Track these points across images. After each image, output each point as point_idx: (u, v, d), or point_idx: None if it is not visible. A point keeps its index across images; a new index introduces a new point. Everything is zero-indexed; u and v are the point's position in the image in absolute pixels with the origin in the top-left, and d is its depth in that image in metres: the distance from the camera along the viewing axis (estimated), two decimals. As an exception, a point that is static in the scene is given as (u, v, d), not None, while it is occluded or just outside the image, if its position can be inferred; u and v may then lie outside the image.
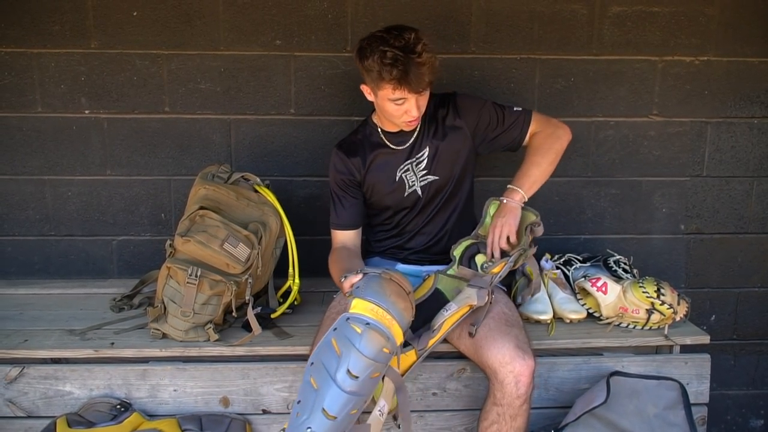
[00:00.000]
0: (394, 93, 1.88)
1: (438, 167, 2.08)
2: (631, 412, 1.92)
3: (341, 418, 1.60)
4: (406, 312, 1.71)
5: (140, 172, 2.43)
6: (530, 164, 2.03)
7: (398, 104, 1.92)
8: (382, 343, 1.64)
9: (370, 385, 1.66)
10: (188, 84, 2.37)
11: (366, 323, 1.65)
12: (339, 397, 1.60)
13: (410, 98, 1.90)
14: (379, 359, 1.64)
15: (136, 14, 2.31)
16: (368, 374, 1.62)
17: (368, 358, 1.62)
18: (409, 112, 1.93)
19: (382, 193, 2.11)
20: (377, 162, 2.09)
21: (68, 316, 2.16)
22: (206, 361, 1.98)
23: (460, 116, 2.08)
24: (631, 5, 2.39)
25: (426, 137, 2.08)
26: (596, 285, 2.12)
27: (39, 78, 2.34)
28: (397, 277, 1.77)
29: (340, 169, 2.11)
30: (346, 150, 2.11)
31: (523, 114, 2.09)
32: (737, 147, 2.53)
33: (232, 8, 2.32)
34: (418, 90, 1.89)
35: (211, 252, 1.97)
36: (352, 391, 1.61)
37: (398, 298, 1.71)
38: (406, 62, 1.83)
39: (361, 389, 1.63)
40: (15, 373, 1.92)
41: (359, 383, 1.61)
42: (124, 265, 2.49)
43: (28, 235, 2.45)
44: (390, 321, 1.66)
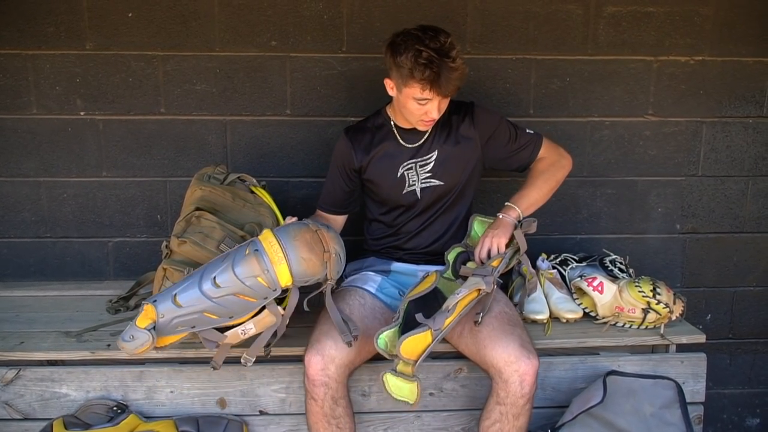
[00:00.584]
0: (422, 93, 1.89)
1: (444, 173, 2.09)
2: (627, 412, 1.93)
3: (186, 309, 1.72)
4: (305, 262, 1.74)
5: (136, 173, 2.43)
6: (532, 187, 2.07)
7: (421, 104, 1.93)
8: (256, 271, 1.71)
9: (234, 304, 1.73)
10: (184, 85, 2.37)
11: (255, 249, 1.74)
12: (192, 292, 1.72)
13: (435, 100, 1.91)
14: (248, 283, 1.71)
15: (132, 15, 2.31)
16: (231, 290, 1.71)
17: (235, 276, 1.71)
18: (429, 113, 1.94)
19: (381, 185, 2.12)
20: (382, 153, 2.10)
21: (64, 318, 2.16)
22: (203, 362, 1.96)
23: (474, 127, 2.09)
24: (625, 5, 2.40)
25: (437, 141, 2.08)
26: (592, 284, 2.13)
27: (34, 79, 2.34)
28: (324, 235, 1.79)
29: (342, 154, 2.13)
30: (352, 136, 2.13)
31: (535, 138, 2.12)
32: (732, 146, 2.54)
33: (228, 9, 2.32)
34: (446, 94, 1.91)
35: (208, 253, 1.96)
36: (207, 293, 1.71)
37: (304, 246, 1.75)
38: (440, 65, 1.83)
39: (220, 300, 1.71)
40: (11, 375, 1.92)
41: (218, 292, 1.71)
42: (120, 267, 2.49)
43: (23, 237, 2.45)
44: (280, 259, 1.72)
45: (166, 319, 1.72)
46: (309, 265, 1.75)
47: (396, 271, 2.15)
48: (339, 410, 1.84)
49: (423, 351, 1.76)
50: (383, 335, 1.78)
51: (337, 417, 1.84)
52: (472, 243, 2.07)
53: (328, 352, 1.80)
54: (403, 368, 1.77)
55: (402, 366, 1.77)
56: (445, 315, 1.78)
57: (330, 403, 1.82)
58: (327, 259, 1.77)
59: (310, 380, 1.81)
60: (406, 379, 1.76)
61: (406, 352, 1.74)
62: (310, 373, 1.80)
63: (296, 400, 1.97)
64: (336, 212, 2.19)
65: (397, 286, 2.10)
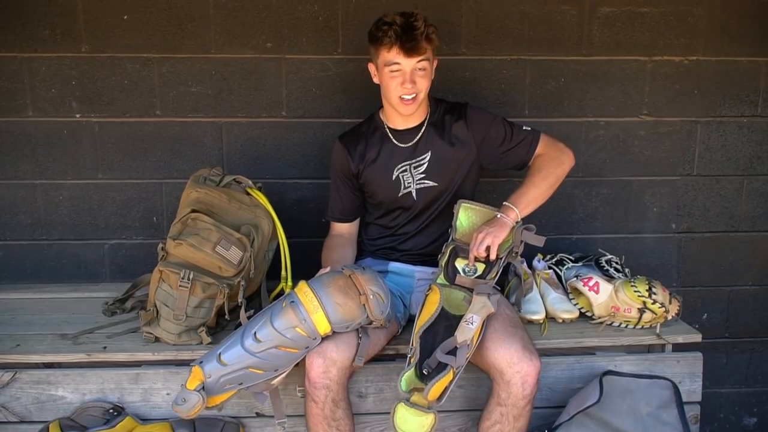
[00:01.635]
0: (389, 55, 1.93)
1: (437, 173, 2.09)
2: (624, 412, 1.93)
3: (231, 367, 1.76)
4: (341, 308, 1.77)
5: (132, 175, 2.43)
6: (530, 185, 2.03)
7: (394, 74, 1.95)
8: (293, 322, 1.76)
9: (276, 357, 1.77)
10: (179, 87, 2.37)
11: (291, 301, 1.79)
12: (235, 349, 1.77)
13: (405, 66, 1.94)
14: (288, 335, 1.76)
15: (127, 18, 2.31)
16: (272, 344, 1.76)
17: (274, 329, 1.76)
18: (405, 83, 1.95)
19: (377, 188, 2.13)
20: (376, 156, 2.11)
21: (60, 320, 2.16)
22: (199, 363, 1.98)
23: (468, 127, 2.09)
24: (620, 6, 2.41)
25: (430, 141, 2.09)
26: (588, 284, 2.13)
27: (30, 82, 2.34)
28: (359, 278, 1.81)
29: (338, 161, 2.15)
30: (347, 142, 2.14)
31: (532, 134, 2.11)
32: (727, 146, 2.54)
33: (223, 11, 2.33)
34: (412, 52, 1.92)
35: (204, 255, 1.97)
36: (250, 349, 1.76)
37: (338, 292, 1.78)
38: (403, 25, 1.92)
39: (263, 354, 1.76)
40: (7, 378, 1.91)
41: (260, 346, 1.76)
42: (116, 269, 2.49)
43: (19, 239, 2.45)
44: (315, 307, 1.76)
45: (214, 379, 1.76)
46: (345, 309, 1.78)
47: (393, 272, 2.16)
48: (339, 412, 1.84)
49: (446, 388, 1.75)
50: (405, 377, 1.74)
51: (338, 419, 1.84)
52: (460, 236, 2.01)
53: (330, 355, 1.80)
54: (418, 399, 1.74)
55: (417, 397, 1.74)
56: (465, 350, 1.75)
57: (331, 405, 1.81)
58: (364, 301, 1.79)
59: (311, 383, 1.80)
60: (420, 411, 1.72)
61: (432, 395, 1.72)
62: (311, 376, 1.80)
63: (292, 402, 1.96)
64: (348, 220, 2.20)
65: (394, 287, 2.10)
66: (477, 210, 2.03)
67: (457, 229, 2.01)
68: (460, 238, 2.00)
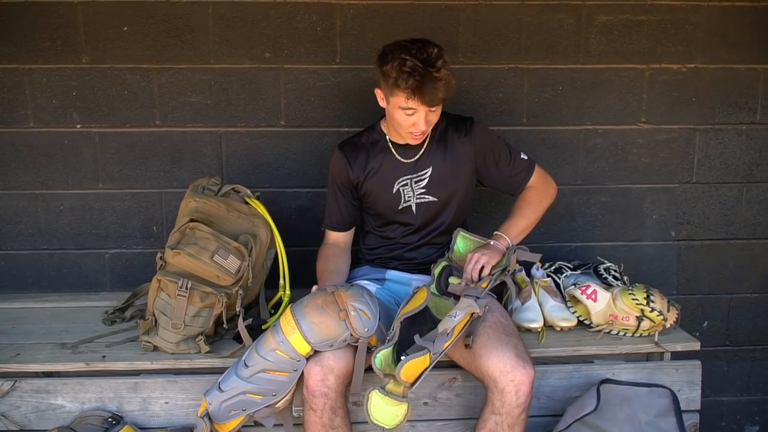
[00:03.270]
0: (407, 102, 1.90)
1: (438, 189, 2.10)
2: (622, 420, 1.93)
3: (229, 393, 1.83)
4: (316, 326, 1.79)
5: (132, 185, 2.45)
6: (521, 216, 2.10)
7: (408, 114, 1.93)
8: (272, 345, 1.81)
9: (267, 381, 1.82)
10: (179, 97, 2.39)
11: (273, 326, 1.85)
12: (231, 377, 1.85)
13: (420, 111, 1.92)
14: (269, 358, 1.81)
15: (127, 29, 2.34)
16: (258, 368, 1.82)
17: (257, 354, 1.83)
18: (417, 125, 1.94)
19: (378, 199, 2.13)
20: (378, 168, 2.11)
21: (61, 329, 2.17)
22: (197, 373, 1.99)
23: (471, 143, 2.10)
24: (617, 14, 2.41)
25: (432, 156, 2.09)
26: (586, 292, 2.13)
27: (31, 93, 2.36)
28: (341, 294, 1.82)
29: (338, 169, 2.14)
30: (347, 151, 2.14)
31: (528, 164, 2.14)
32: (726, 153, 2.54)
33: (222, 22, 2.35)
34: (431, 104, 1.90)
35: (202, 264, 1.98)
36: (241, 375, 1.83)
37: (314, 311, 1.81)
38: (424, 74, 1.85)
39: (253, 379, 1.82)
40: (7, 387, 1.93)
41: (249, 372, 1.82)
42: (116, 278, 2.50)
43: (21, 249, 2.47)
44: (292, 329, 1.80)
45: (215, 406, 1.84)
46: (321, 328, 1.79)
47: (390, 280, 2.17)
48: (337, 420, 1.84)
49: (420, 374, 1.75)
50: (380, 354, 1.76)
51: (336, 427, 1.84)
52: (456, 258, 2.07)
53: (327, 363, 1.80)
54: (393, 388, 1.75)
55: (393, 385, 1.75)
56: (444, 339, 1.76)
57: (329, 413, 1.82)
58: (344, 317, 1.78)
59: (309, 391, 1.81)
60: (394, 400, 1.74)
61: (405, 375, 1.72)
62: (309, 384, 1.80)
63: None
64: (344, 229, 2.20)
65: (391, 295, 2.11)
66: (473, 240, 2.10)
67: (454, 251, 2.08)
68: (455, 260, 2.06)
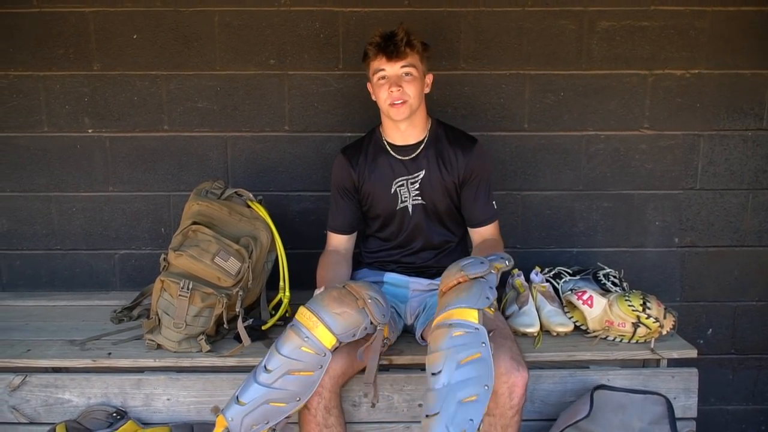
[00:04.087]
0: (375, 62, 2.04)
1: (428, 194, 2.15)
2: (616, 426, 1.93)
3: (251, 405, 1.75)
4: (339, 317, 1.78)
5: (141, 188, 2.52)
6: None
7: (381, 81, 2.04)
8: (297, 343, 1.77)
9: (292, 383, 1.77)
10: (186, 103, 2.46)
11: (292, 324, 1.81)
12: (251, 387, 1.77)
13: (389, 71, 2.02)
14: (294, 356, 1.76)
15: (136, 37, 2.41)
16: (283, 370, 1.76)
17: (281, 355, 1.77)
18: (391, 88, 2.02)
19: (377, 200, 2.18)
20: (377, 170, 2.16)
21: (70, 327, 2.24)
22: (198, 371, 2.04)
23: (465, 160, 2.13)
24: (619, 20, 2.41)
25: (425, 161, 2.14)
26: (582, 298, 2.13)
27: (45, 99, 2.45)
28: (353, 287, 1.84)
29: (340, 174, 2.20)
30: (349, 155, 2.20)
31: (495, 212, 2.18)
32: (731, 160, 2.52)
33: (228, 30, 2.41)
34: (393, 58, 2.01)
35: (203, 266, 2.04)
36: (264, 382, 1.76)
37: (333, 302, 1.80)
38: (384, 36, 2.04)
39: (278, 384, 1.76)
40: (18, 381, 1.99)
41: (272, 377, 1.76)
42: (126, 278, 2.58)
43: (35, 249, 2.56)
44: (314, 323, 1.78)
45: (236, 422, 1.75)
46: (345, 317, 1.79)
47: (389, 283, 2.20)
48: (331, 419, 1.87)
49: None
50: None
51: (330, 426, 1.88)
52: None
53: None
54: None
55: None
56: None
57: (323, 412, 1.86)
58: (362, 305, 1.81)
59: None
60: None
61: None
62: None
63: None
64: (347, 232, 2.23)
65: (389, 298, 2.13)
66: None
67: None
68: None
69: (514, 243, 2.53)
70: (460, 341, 1.67)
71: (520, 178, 2.52)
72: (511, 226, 2.52)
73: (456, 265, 1.81)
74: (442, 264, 2.16)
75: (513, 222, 2.54)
